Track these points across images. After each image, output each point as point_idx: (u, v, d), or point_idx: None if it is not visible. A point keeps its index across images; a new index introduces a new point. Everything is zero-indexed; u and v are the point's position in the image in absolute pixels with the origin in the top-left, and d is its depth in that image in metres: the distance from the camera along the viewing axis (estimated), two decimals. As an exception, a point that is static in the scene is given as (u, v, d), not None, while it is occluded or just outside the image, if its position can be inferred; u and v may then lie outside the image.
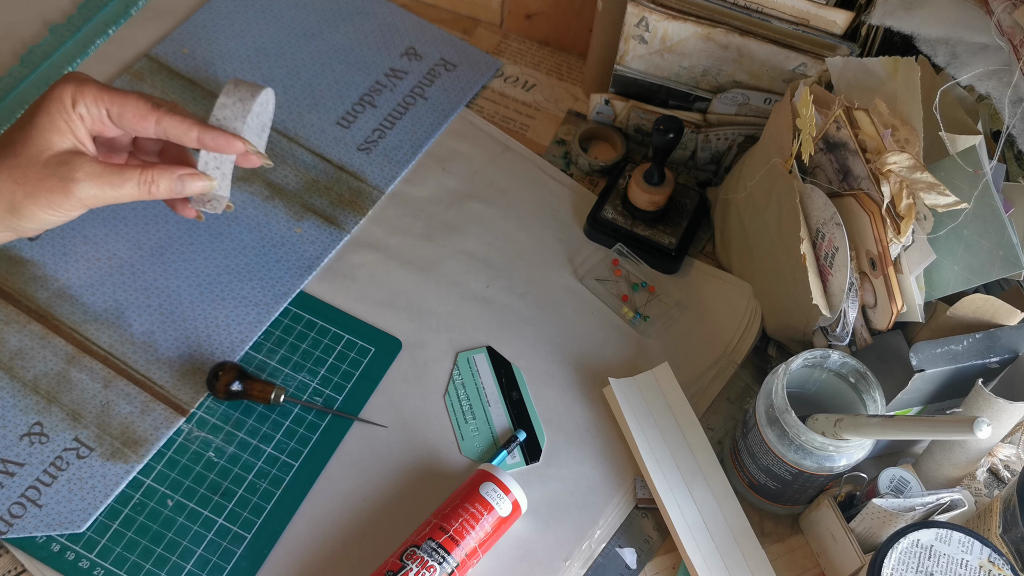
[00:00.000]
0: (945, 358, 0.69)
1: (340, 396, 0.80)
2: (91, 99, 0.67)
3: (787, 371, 0.70)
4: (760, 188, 0.80)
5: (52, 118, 0.66)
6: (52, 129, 0.66)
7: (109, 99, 0.67)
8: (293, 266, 0.85)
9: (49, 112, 0.66)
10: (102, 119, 0.68)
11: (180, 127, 0.68)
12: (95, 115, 0.67)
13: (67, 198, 0.67)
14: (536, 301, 0.86)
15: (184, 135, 0.68)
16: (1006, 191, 0.70)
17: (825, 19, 0.80)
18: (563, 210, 0.91)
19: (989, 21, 0.67)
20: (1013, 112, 0.67)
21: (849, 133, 0.70)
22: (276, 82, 0.95)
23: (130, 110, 0.68)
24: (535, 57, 1.01)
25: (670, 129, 0.82)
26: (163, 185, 0.69)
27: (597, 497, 0.76)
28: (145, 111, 0.68)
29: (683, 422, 0.78)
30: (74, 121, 0.67)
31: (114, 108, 0.67)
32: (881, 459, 0.79)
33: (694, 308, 0.86)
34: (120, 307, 0.81)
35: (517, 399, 0.81)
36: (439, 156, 0.93)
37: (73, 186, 0.66)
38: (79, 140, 0.68)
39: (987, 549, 0.65)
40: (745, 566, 0.73)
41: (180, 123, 0.68)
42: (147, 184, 0.69)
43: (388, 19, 1.01)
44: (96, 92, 0.67)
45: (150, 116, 0.68)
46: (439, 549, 0.69)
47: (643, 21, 0.84)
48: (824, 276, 0.74)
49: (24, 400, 0.76)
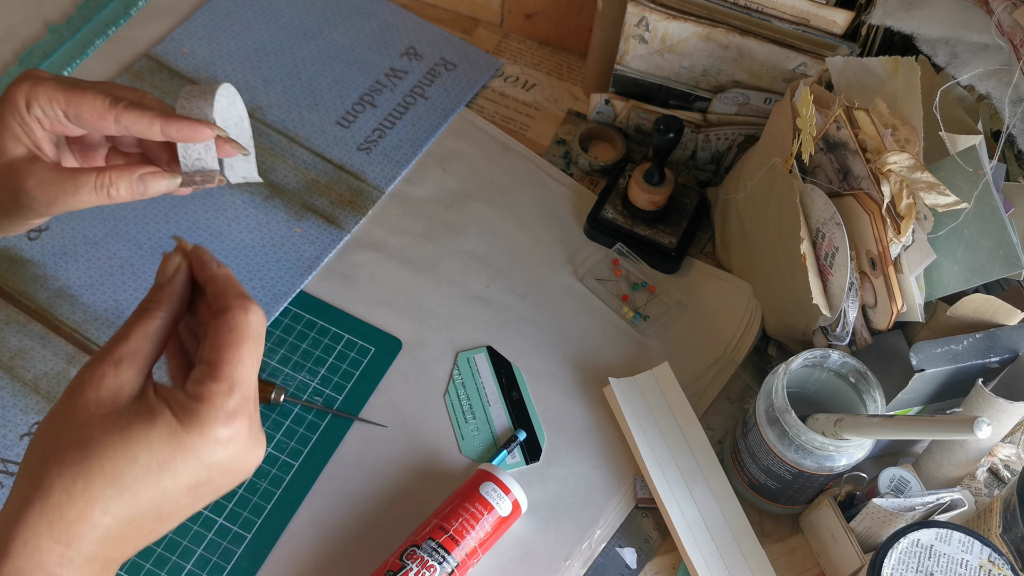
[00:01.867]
0: (945, 358, 0.69)
1: (340, 396, 0.80)
2: (45, 100, 0.62)
3: (787, 371, 0.70)
4: (760, 188, 0.80)
5: (6, 122, 0.62)
6: (6, 134, 0.62)
7: (64, 99, 0.62)
8: (293, 266, 0.85)
9: (2, 116, 0.62)
10: (60, 121, 0.63)
11: (141, 122, 0.63)
12: (52, 116, 0.63)
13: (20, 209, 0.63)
14: (536, 301, 0.86)
15: (147, 130, 0.63)
16: (1006, 191, 0.70)
17: (825, 19, 0.80)
18: (563, 210, 0.91)
19: (989, 21, 0.67)
20: (1013, 112, 0.67)
21: (849, 133, 0.70)
22: (276, 82, 0.95)
23: (87, 110, 0.62)
24: (535, 57, 1.01)
25: (670, 129, 0.82)
26: (123, 188, 0.64)
27: (597, 497, 0.76)
28: (103, 109, 0.62)
29: (683, 422, 0.78)
30: (29, 125, 0.63)
31: (71, 109, 0.63)
32: (881, 459, 0.79)
33: (694, 308, 0.86)
34: (120, 307, 0.81)
35: (517, 399, 0.81)
36: (439, 156, 0.93)
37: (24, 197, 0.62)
38: (35, 144, 0.63)
39: (987, 549, 0.65)
40: (745, 566, 0.73)
41: (140, 117, 0.63)
42: (104, 188, 0.63)
43: (388, 19, 1.01)
44: (51, 92, 0.62)
45: (108, 114, 0.62)
46: (439, 549, 0.69)
47: (643, 21, 0.84)
48: (824, 276, 0.74)
49: (24, 400, 0.76)
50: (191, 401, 0.52)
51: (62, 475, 0.49)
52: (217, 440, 0.52)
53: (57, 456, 0.50)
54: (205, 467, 0.52)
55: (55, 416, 0.52)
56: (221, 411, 0.52)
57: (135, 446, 0.51)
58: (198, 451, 0.52)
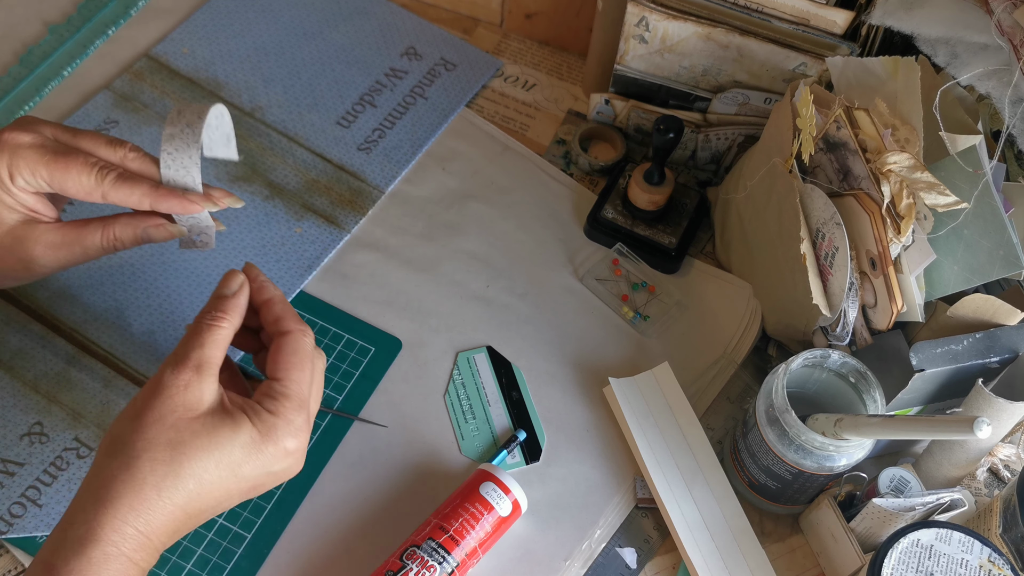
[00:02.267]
0: (945, 358, 0.69)
1: (340, 396, 0.80)
2: (28, 173, 0.62)
3: (787, 371, 0.70)
4: (760, 188, 0.80)
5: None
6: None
7: (47, 173, 0.62)
8: (293, 266, 0.85)
9: None
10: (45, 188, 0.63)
11: (131, 198, 0.63)
12: (37, 185, 0.63)
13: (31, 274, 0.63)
14: (536, 301, 0.86)
15: (137, 205, 0.64)
16: (1006, 191, 0.70)
17: (825, 19, 0.80)
18: (563, 210, 0.91)
19: (989, 21, 0.67)
20: (1013, 112, 0.67)
21: (849, 133, 0.70)
22: (276, 82, 0.95)
23: (72, 186, 0.62)
24: (535, 57, 1.01)
25: (670, 129, 0.82)
26: (128, 240, 0.65)
27: (597, 497, 0.76)
28: (89, 187, 0.62)
29: (683, 422, 0.78)
30: (16, 195, 0.63)
31: (54, 183, 0.62)
32: (881, 459, 0.79)
33: (694, 308, 0.86)
34: (120, 307, 0.81)
35: (517, 399, 0.81)
36: (439, 156, 0.93)
37: (33, 265, 0.63)
38: (29, 210, 0.63)
39: (987, 549, 0.65)
40: (745, 566, 0.73)
41: (130, 193, 0.63)
42: (111, 242, 0.65)
43: (388, 19, 1.01)
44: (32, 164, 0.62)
45: (95, 192, 0.63)
46: (439, 549, 0.69)
47: (643, 21, 0.84)
48: (824, 276, 0.74)
49: (24, 400, 0.76)
50: (268, 414, 0.59)
51: (155, 471, 0.55)
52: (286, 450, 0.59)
53: (150, 454, 0.55)
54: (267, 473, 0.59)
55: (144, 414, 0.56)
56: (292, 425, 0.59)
57: (219, 450, 0.57)
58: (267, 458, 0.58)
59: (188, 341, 0.59)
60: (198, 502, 0.57)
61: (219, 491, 0.58)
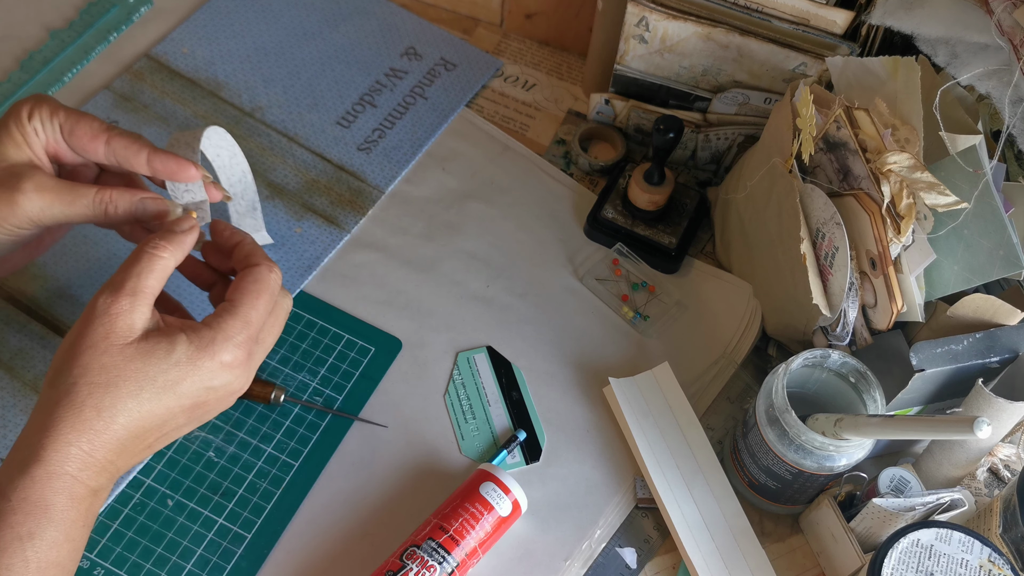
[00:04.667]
0: (945, 358, 0.69)
1: (340, 396, 0.80)
2: (46, 113, 0.66)
3: (787, 371, 0.70)
4: (760, 188, 0.80)
5: (8, 130, 0.66)
6: (8, 141, 0.65)
7: (64, 114, 0.66)
8: (293, 266, 0.85)
9: (6, 125, 0.66)
10: (56, 138, 0.67)
11: (130, 148, 0.67)
12: (50, 132, 0.66)
13: (12, 209, 0.64)
14: (536, 301, 0.86)
15: (134, 157, 0.67)
16: (1006, 191, 0.70)
17: (825, 19, 0.80)
18: (563, 210, 0.91)
19: (989, 21, 0.67)
20: (1013, 112, 0.67)
21: (849, 133, 0.70)
22: (276, 82, 0.95)
23: (83, 127, 0.66)
24: (535, 57, 1.01)
25: (670, 129, 0.82)
26: (122, 206, 0.67)
27: (597, 497, 0.77)
28: (97, 130, 0.67)
29: (683, 422, 0.78)
30: (30, 134, 0.66)
31: (67, 124, 0.66)
32: (881, 459, 0.79)
33: (694, 308, 0.86)
34: (120, 307, 0.81)
35: (517, 399, 0.81)
36: (439, 156, 0.93)
37: (20, 196, 0.64)
38: (35, 154, 0.66)
39: (987, 549, 0.65)
40: (745, 566, 0.73)
41: (130, 144, 0.67)
42: (103, 204, 0.66)
43: (388, 19, 1.01)
44: (52, 107, 0.66)
45: (101, 135, 0.66)
46: (439, 549, 0.69)
47: (643, 21, 0.84)
48: (824, 276, 0.74)
49: (24, 400, 0.76)
50: (207, 329, 0.61)
51: (92, 394, 0.57)
52: (222, 363, 0.61)
53: (87, 378, 0.57)
54: (205, 388, 0.61)
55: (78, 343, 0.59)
56: (230, 341, 0.61)
57: (154, 368, 0.59)
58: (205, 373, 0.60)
59: (126, 268, 0.61)
60: (140, 421, 0.59)
61: (160, 409, 0.59)
